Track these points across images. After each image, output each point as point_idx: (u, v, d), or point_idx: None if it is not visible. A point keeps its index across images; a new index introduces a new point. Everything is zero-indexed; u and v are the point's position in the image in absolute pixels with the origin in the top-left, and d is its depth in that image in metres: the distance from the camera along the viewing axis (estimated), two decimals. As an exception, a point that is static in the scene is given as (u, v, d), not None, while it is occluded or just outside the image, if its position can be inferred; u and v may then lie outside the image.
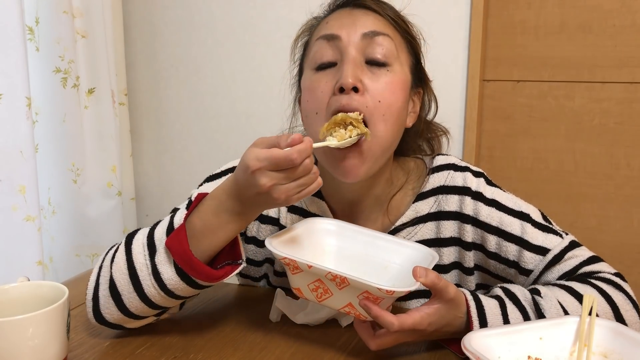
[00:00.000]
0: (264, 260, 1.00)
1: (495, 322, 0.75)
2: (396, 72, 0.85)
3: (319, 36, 0.87)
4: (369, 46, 0.83)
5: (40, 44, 1.66)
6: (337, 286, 0.72)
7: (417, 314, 0.72)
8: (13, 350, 0.65)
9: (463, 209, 0.90)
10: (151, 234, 0.80)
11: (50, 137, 1.72)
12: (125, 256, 0.79)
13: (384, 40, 0.84)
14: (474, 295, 0.77)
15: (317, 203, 0.95)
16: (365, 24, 0.85)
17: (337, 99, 0.81)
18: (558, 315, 0.76)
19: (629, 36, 1.55)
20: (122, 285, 0.78)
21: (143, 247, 0.79)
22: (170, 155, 2.12)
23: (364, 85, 0.82)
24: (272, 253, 0.74)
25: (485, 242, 0.89)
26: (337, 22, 0.86)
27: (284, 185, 0.70)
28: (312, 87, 0.85)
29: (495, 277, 0.91)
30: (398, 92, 0.84)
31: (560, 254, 0.85)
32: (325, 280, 0.72)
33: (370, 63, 0.84)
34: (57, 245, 1.79)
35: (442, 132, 0.99)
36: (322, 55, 0.85)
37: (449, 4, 1.66)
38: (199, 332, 0.84)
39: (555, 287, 0.81)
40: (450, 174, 0.92)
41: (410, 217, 0.92)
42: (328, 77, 0.84)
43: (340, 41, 0.84)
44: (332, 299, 0.74)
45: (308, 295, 0.76)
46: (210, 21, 1.96)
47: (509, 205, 0.89)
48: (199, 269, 0.74)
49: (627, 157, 1.60)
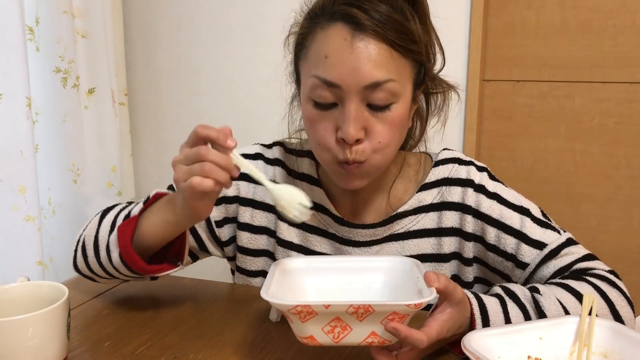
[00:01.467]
0: (260, 251, 0.99)
1: (497, 320, 0.75)
2: (398, 107, 0.82)
3: (318, 76, 0.81)
4: (371, 94, 0.80)
5: (40, 44, 1.65)
6: (359, 318, 0.67)
7: (436, 324, 0.70)
8: (13, 350, 0.65)
9: (465, 200, 0.92)
10: (116, 217, 0.91)
11: (50, 137, 1.71)
12: (97, 225, 0.91)
13: (387, 87, 0.79)
14: (475, 295, 0.77)
15: (315, 191, 0.96)
16: (367, 70, 0.78)
17: (341, 152, 0.82)
18: (558, 312, 0.77)
19: (629, 36, 1.55)
20: (88, 249, 0.90)
21: (109, 224, 0.90)
22: (170, 155, 2.11)
23: (366, 130, 0.81)
24: (277, 306, 0.68)
25: (485, 234, 0.91)
26: (337, 64, 0.79)
27: (184, 166, 0.74)
28: (314, 121, 0.84)
29: (492, 270, 0.93)
30: (399, 127, 0.83)
31: (556, 249, 0.87)
32: (345, 316, 0.67)
33: (371, 106, 0.81)
34: (57, 245, 1.79)
35: (447, 88, 0.93)
36: (321, 96, 0.81)
37: (449, 4, 1.66)
38: (199, 332, 0.84)
39: (552, 285, 0.82)
40: (454, 167, 0.94)
41: (413, 206, 0.93)
42: (328, 117, 0.82)
43: (340, 89, 0.80)
44: (352, 334, 0.69)
45: (323, 340, 0.69)
46: (210, 21, 1.96)
47: (510, 200, 0.91)
48: (134, 259, 0.83)
49: (627, 157, 1.60)
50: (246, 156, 0.99)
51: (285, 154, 1.00)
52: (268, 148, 1.02)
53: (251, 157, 1.00)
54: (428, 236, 0.94)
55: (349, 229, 0.95)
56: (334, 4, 0.81)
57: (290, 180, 0.98)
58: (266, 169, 0.99)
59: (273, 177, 0.99)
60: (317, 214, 0.96)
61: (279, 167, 0.99)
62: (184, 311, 0.90)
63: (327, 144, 0.83)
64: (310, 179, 0.97)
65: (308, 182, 0.97)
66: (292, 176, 0.99)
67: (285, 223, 0.97)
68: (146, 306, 0.93)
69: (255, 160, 1.00)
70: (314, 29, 0.83)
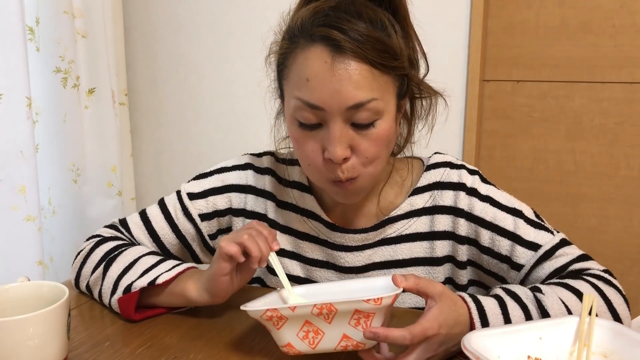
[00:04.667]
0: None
1: (496, 321, 0.75)
2: (383, 123, 0.82)
3: (301, 98, 0.80)
4: (354, 115, 0.79)
5: (40, 44, 1.66)
6: (326, 319, 0.69)
7: (422, 320, 0.70)
8: (13, 350, 0.65)
9: (457, 203, 0.92)
10: (113, 270, 0.91)
11: (51, 137, 1.72)
12: (93, 268, 0.93)
13: (370, 107, 0.79)
14: (471, 296, 0.77)
15: (306, 198, 0.96)
16: (349, 92, 0.78)
17: (331, 172, 0.83)
18: (560, 312, 0.77)
19: (629, 36, 1.55)
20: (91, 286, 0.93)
21: (101, 262, 0.92)
22: (170, 155, 2.13)
23: (352, 148, 0.82)
24: (249, 314, 0.71)
25: (479, 237, 0.91)
26: (318, 87, 0.78)
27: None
28: (300, 142, 0.84)
29: (487, 272, 0.93)
30: (385, 141, 0.83)
31: (551, 250, 0.87)
32: (313, 319, 0.69)
33: (356, 125, 0.81)
34: (57, 245, 1.80)
35: (432, 94, 0.91)
36: (304, 118, 0.81)
37: (449, 5, 1.66)
38: (199, 333, 0.84)
39: (553, 285, 0.82)
40: (446, 171, 0.94)
41: (405, 210, 0.94)
42: (314, 138, 0.82)
43: (323, 111, 0.79)
44: (326, 338, 0.70)
45: (300, 347, 0.71)
46: (210, 21, 1.96)
47: (503, 202, 0.91)
48: (130, 315, 0.87)
49: (627, 157, 1.60)
50: (236, 167, 1.01)
51: (275, 163, 1.01)
52: (258, 157, 1.02)
53: (241, 168, 1.01)
54: (420, 240, 0.94)
55: (341, 234, 0.95)
56: (313, 25, 0.80)
57: (281, 189, 0.99)
58: (256, 178, 0.99)
59: (264, 186, 0.99)
60: (308, 220, 0.97)
61: (268, 176, 0.99)
62: (184, 311, 0.90)
63: (317, 165, 0.84)
64: (301, 186, 0.98)
65: (299, 189, 0.98)
66: (282, 184, 0.99)
67: (277, 230, 0.97)
68: (146, 306, 0.93)
69: (245, 170, 1.00)
70: (294, 50, 0.82)
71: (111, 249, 0.94)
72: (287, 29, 0.86)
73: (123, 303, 0.86)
